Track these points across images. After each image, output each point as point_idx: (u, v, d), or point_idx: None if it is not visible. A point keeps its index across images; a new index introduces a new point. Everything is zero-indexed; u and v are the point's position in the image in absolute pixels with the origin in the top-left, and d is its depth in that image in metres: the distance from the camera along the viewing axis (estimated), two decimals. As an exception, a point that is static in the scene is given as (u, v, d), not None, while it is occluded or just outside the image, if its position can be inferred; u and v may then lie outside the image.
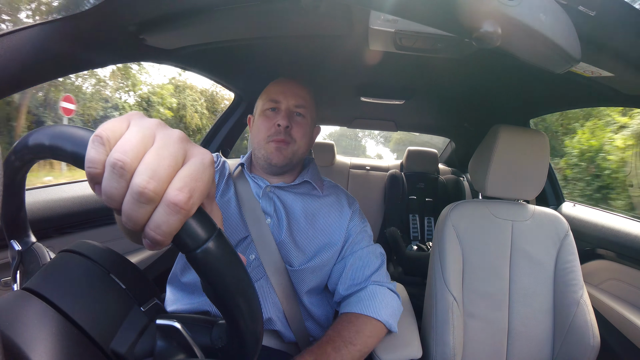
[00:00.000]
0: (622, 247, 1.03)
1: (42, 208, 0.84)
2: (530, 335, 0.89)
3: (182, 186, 0.22)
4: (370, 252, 0.78)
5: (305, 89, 0.83)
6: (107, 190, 0.22)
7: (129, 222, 0.22)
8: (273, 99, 0.79)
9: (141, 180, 0.21)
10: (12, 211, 0.38)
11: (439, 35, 0.70)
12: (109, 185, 0.22)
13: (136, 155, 0.22)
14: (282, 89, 0.80)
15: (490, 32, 0.36)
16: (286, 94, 0.79)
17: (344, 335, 0.65)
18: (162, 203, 0.22)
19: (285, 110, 0.78)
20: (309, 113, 0.81)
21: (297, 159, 0.80)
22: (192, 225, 0.23)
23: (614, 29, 0.52)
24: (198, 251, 0.23)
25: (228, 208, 0.76)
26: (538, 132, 0.97)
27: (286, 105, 0.78)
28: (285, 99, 0.78)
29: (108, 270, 0.33)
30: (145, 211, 0.22)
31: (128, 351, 0.30)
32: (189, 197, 0.22)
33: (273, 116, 0.78)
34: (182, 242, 0.23)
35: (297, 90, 0.80)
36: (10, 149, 0.30)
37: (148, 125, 0.23)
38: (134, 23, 0.62)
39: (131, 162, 0.21)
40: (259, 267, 0.73)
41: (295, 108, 0.79)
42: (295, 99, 0.79)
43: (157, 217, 0.22)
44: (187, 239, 0.23)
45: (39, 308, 0.28)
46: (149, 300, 0.35)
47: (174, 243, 0.23)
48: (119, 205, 0.22)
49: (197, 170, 0.23)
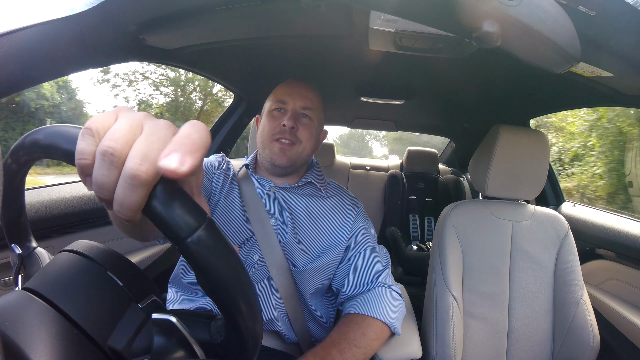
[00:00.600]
0: (622, 247, 1.03)
1: (42, 208, 0.84)
2: (530, 335, 0.89)
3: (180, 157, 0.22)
4: (376, 253, 0.78)
5: (314, 91, 0.83)
6: (98, 178, 0.22)
7: (122, 210, 0.22)
8: (280, 99, 0.79)
9: (134, 164, 0.21)
10: (13, 216, 0.38)
11: (439, 35, 0.70)
12: (99, 174, 0.22)
13: (126, 142, 0.22)
14: (290, 91, 0.80)
15: (490, 32, 0.36)
16: (294, 95, 0.79)
17: (349, 337, 0.64)
18: None
19: (291, 111, 0.78)
20: (316, 115, 0.81)
21: (301, 160, 0.80)
22: (181, 214, 0.23)
23: (614, 29, 0.52)
24: (189, 240, 0.23)
25: (232, 208, 0.76)
26: (538, 132, 0.97)
27: (293, 106, 0.78)
28: (292, 100, 0.78)
29: (105, 267, 0.33)
30: (138, 195, 0.22)
31: (125, 348, 0.30)
32: (181, 164, 0.22)
33: (279, 116, 0.78)
34: (173, 231, 0.23)
35: (305, 92, 0.80)
36: (7, 153, 0.30)
37: (136, 117, 0.24)
38: (134, 23, 0.62)
39: (121, 148, 0.21)
40: (262, 268, 0.73)
41: (302, 109, 0.79)
42: (302, 100, 0.79)
43: (121, 195, 0.22)
44: (177, 227, 0.23)
45: (39, 308, 0.28)
46: (146, 297, 0.34)
47: (165, 233, 0.23)
48: (110, 195, 0.22)
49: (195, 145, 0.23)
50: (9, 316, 0.27)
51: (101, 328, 0.30)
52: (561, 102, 1.18)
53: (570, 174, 4.71)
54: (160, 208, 0.23)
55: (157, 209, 0.23)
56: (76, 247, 0.35)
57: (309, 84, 0.84)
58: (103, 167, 0.22)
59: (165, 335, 0.30)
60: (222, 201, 0.78)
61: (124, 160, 0.22)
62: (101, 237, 1.01)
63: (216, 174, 0.81)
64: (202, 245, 0.24)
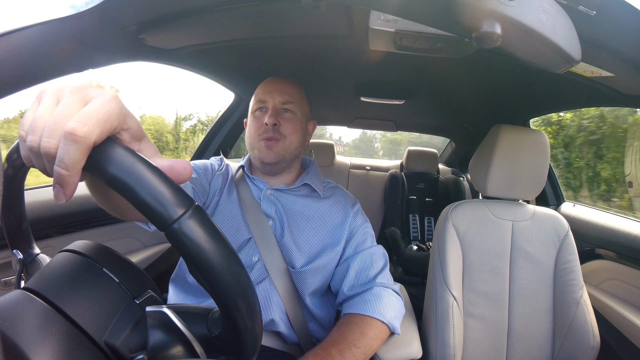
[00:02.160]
0: (622, 247, 1.03)
1: (42, 208, 0.84)
2: (530, 335, 0.89)
3: (77, 117, 0.23)
4: (374, 253, 0.78)
5: (293, 85, 0.83)
6: (40, 168, 0.25)
7: (56, 179, 0.23)
8: (260, 99, 0.80)
9: (44, 142, 0.23)
10: (13, 222, 0.38)
11: (439, 35, 0.70)
12: (38, 165, 0.25)
13: (43, 125, 0.23)
14: (268, 89, 0.81)
15: (490, 32, 0.36)
16: (272, 92, 0.80)
17: (348, 338, 0.64)
18: (62, 138, 0.23)
19: (272, 108, 0.79)
20: (299, 108, 0.81)
21: (289, 154, 0.80)
22: (164, 196, 0.23)
23: (614, 29, 0.52)
24: (175, 225, 0.23)
25: (231, 210, 0.77)
26: (538, 132, 0.97)
27: (272, 103, 0.79)
28: (271, 98, 0.79)
29: (101, 265, 0.33)
30: (62, 169, 0.23)
31: (122, 343, 0.30)
32: (83, 125, 0.23)
33: (261, 116, 0.80)
34: (157, 215, 0.23)
35: (283, 87, 0.81)
36: (3, 158, 0.30)
37: (48, 101, 0.24)
38: (134, 23, 0.62)
39: (38, 138, 0.23)
40: (261, 269, 0.73)
41: (282, 105, 0.80)
42: (281, 96, 0.80)
43: (60, 152, 0.23)
44: (161, 209, 0.23)
45: (38, 308, 0.28)
46: (143, 293, 0.34)
47: (149, 217, 0.23)
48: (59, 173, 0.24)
49: (96, 106, 0.24)
50: (8, 316, 0.27)
51: (98, 324, 0.30)
52: (561, 102, 1.18)
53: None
54: (144, 194, 0.23)
55: (140, 194, 0.23)
56: (73, 247, 0.35)
57: (288, 79, 0.84)
58: (37, 159, 0.24)
59: (161, 329, 0.29)
60: (222, 202, 0.78)
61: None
62: (101, 237, 1.01)
63: (215, 175, 0.82)
64: (188, 230, 0.23)
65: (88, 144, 0.23)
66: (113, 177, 0.23)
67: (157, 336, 0.29)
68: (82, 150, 0.23)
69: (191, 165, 0.29)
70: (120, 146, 0.24)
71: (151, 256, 1.17)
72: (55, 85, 0.25)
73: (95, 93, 0.25)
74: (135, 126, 0.27)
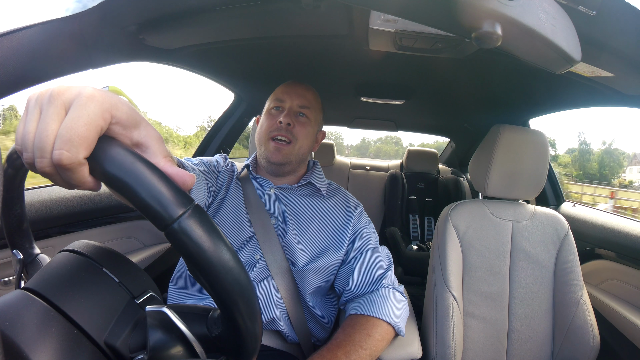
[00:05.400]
0: (622, 247, 1.03)
1: (42, 208, 0.84)
2: (530, 335, 0.89)
3: (59, 144, 0.22)
4: (378, 254, 0.78)
5: (312, 91, 0.85)
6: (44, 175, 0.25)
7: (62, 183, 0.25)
8: (279, 98, 0.82)
9: (35, 163, 0.23)
10: (14, 222, 0.38)
11: (439, 35, 0.70)
12: (46, 177, 0.25)
13: (32, 143, 0.24)
14: (288, 90, 0.82)
15: (490, 32, 0.36)
16: (291, 94, 0.81)
17: (355, 339, 0.64)
18: (56, 168, 0.23)
19: (288, 109, 0.80)
20: (314, 115, 0.82)
21: (297, 158, 0.80)
22: (164, 196, 0.23)
23: (614, 29, 0.52)
24: (174, 225, 0.23)
25: (235, 208, 0.78)
26: (538, 132, 0.97)
27: (290, 104, 0.80)
28: (290, 99, 0.81)
29: (101, 265, 0.33)
30: (62, 179, 0.24)
31: (122, 343, 0.30)
32: (67, 151, 0.22)
33: (277, 114, 0.81)
34: (156, 215, 0.23)
35: (302, 91, 0.82)
36: (4, 158, 0.30)
37: (32, 117, 0.24)
38: (134, 23, 0.62)
39: (31, 155, 0.24)
40: (263, 267, 0.73)
41: (298, 108, 0.81)
42: (299, 99, 0.81)
43: (61, 175, 0.24)
44: (160, 209, 0.23)
45: (38, 307, 0.28)
46: (144, 292, 0.34)
47: (148, 217, 0.23)
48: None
49: (74, 119, 0.23)
50: (8, 316, 0.27)
51: (98, 324, 0.30)
52: (561, 102, 1.18)
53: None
54: (143, 193, 0.23)
55: (140, 194, 0.23)
56: (73, 247, 0.35)
57: (308, 85, 0.85)
58: (42, 173, 0.24)
59: (161, 329, 0.29)
60: (228, 198, 0.79)
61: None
62: (101, 237, 1.01)
63: (222, 171, 0.83)
64: (187, 230, 0.23)
65: (79, 163, 0.23)
66: (112, 177, 0.23)
67: (157, 336, 0.29)
68: (77, 170, 0.23)
69: (194, 177, 0.29)
70: (119, 146, 0.24)
71: (151, 256, 1.16)
72: (37, 92, 0.25)
73: (72, 95, 0.24)
74: (124, 116, 0.26)
